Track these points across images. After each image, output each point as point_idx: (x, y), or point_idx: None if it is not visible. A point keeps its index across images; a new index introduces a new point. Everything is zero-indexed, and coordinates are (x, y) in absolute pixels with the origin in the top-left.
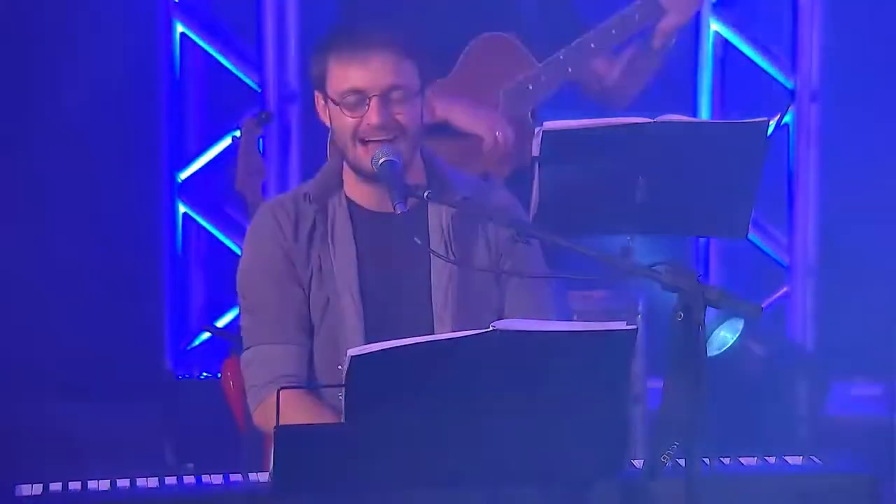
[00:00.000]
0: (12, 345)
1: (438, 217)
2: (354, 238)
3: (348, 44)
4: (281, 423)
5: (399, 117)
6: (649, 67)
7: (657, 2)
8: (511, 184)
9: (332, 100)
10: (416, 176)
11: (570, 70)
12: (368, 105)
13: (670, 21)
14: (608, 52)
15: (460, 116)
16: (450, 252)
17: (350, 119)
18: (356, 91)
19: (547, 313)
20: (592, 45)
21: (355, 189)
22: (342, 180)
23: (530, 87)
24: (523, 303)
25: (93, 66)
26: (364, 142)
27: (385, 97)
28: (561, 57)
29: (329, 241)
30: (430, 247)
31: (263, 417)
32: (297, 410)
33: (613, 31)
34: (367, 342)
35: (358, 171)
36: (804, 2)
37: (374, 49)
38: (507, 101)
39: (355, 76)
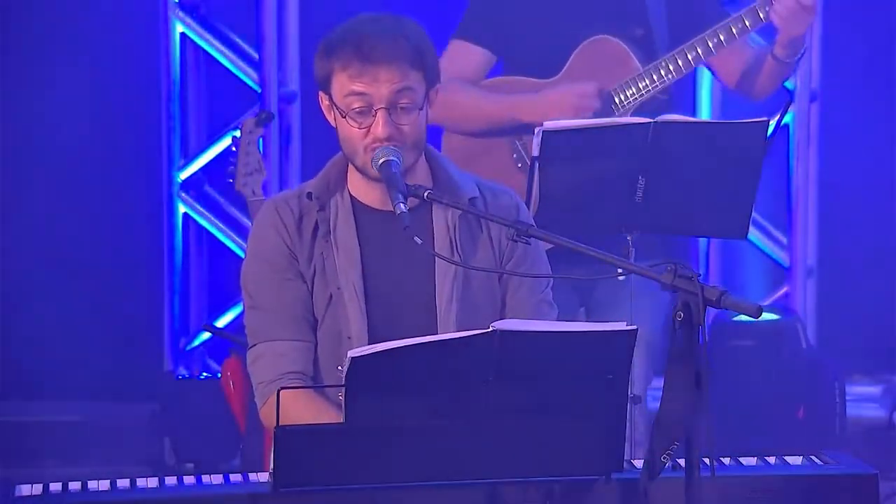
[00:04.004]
0: (13, 344)
1: (444, 216)
2: (358, 236)
3: (356, 57)
4: (286, 420)
5: (405, 128)
6: (778, 72)
7: (757, 13)
8: None
9: (338, 108)
10: (420, 176)
11: (672, 75)
12: (375, 116)
13: (782, 36)
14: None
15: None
16: (455, 252)
17: (357, 130)
18: (363, 103)
19: (548, 314)
20: (694, 53)
21: (359, 187)
22: (346, 178)
23: (631, 90)
24: (525, 302)
25: (93, 66)
26: (374, 150)
27: (391, 109)
28: (662, 62)
29: (332, 238)
30: (435, 246)
31: (270, 415)
32: (302, 408)
33: (715, 40)
34: (370, 340)
35: (367, 175)
36: None
37: (382, 63)
38: (604, 103)
39: (363, 89)
